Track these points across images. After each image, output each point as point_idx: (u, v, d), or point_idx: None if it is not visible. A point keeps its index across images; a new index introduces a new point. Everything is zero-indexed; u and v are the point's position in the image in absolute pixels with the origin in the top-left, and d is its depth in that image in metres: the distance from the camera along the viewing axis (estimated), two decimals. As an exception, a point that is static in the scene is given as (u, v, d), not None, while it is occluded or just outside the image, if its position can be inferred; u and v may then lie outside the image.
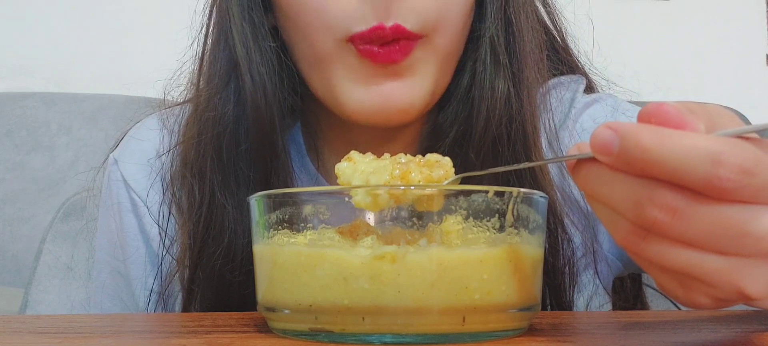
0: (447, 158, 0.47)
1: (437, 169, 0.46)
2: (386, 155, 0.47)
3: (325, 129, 0.73)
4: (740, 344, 0.42)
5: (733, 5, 2.35)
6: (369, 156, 0.47)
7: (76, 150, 1.58)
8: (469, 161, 0.66)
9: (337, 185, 0.72)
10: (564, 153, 0.70)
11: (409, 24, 0.61)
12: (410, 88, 0.63)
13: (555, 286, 0.68)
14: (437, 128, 0.69)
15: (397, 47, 0.61)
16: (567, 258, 0.68)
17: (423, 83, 0.64)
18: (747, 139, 0.36)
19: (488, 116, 0.66)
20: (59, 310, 1.11)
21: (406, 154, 0.47)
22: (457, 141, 0.68)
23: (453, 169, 0.47)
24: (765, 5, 2.39)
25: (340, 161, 0.73)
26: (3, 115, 1.65)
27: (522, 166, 0.50)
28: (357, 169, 0.47)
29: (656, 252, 0.38)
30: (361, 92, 0.63)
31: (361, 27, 0.61)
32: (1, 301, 1.35)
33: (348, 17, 0.61)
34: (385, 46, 0.61)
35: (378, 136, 0.71)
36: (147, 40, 1.89)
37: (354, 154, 0.48)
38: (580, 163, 0.39)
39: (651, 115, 0.37)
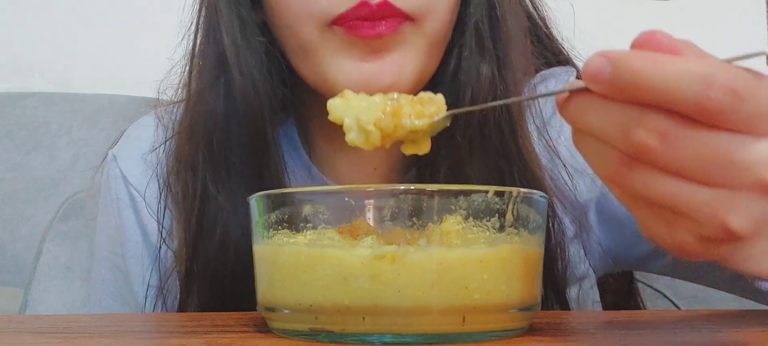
0: (439, 95, 0.47)
1: (429, 106, 0.46)
2: (380, 94, 0.47)
3: (317, 121, 0.73)
4: (740, 344, 0.42)
5: (733, 5, 2.35)
6: (362, 95, 0.47)
7: (76, 150, 1.58)
8: (455, 143, 0.67)
9: (334, 182, 0.72)
10: (554, 144, 0.71)
11: (398, 3, 0.61)
12: (399, 66, 0.63)
13: (547, 270, 0.68)
14: None
15: (384, 23, 0.61)
16: (557, 240, 0.69)
17: (411, 63, 0.64)
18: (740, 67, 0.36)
19: (473, 99, 0.67)
20: (59, 310, 1.11)
21: (398, 93, 0.47)
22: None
23: (445, 106, 0.47)
24: (765, 5, 2.39)
25: (333, 151, 0.73)
26: (3, 115, 1.65)
27: (509, 101, 0.49)
28: (349, 105, 0.47)
29: (643, 183, 0.38)
30: (349, 70, 0.63)
31: (343, 8, 0.61)
32: (1, 301, 1.35)
33: (331, 3, 0.61)
34: (371, 22, 0.61)
35: None
36: (148, 41, 1.89)
37: (348, 92, 0.48)
38: (571, 96, 0.39)
39: (644, 42, 0.37)
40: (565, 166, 0.71)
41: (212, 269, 0.67)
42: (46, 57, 1.92)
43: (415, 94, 0.48)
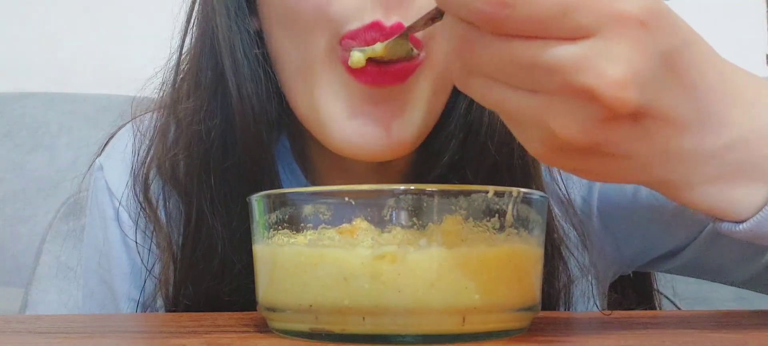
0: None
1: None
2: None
3: (311, 138, 0.66)
4: (740, 344, 0.42)
5: (733, 5, 2.35)
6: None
7: (76, 150, 1.58)
8: (467, 180, 0.63)
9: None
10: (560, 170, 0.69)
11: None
12: (408, 119, 0.59)
13: (550, 307, 0.66)
14: (431, 152, 0.65)
15: (392, 73, 0.56)
16: (563, 284, 0.67)
17: (421, 107, 0.59)
18: None
19: (486, 141, 0.63)
20: (59, 310, 1.11)
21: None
22: (453, 165, 0.64)
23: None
24: (765, 5, 2.39)
25: (330, 173, 0.70)
26: (3, 115, 1.65)
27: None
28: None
29: (476, 90, 0.39)
30: (350, 124, 0.58)
31: (356, 24, 0.55)
32: (1, 301, 1.35)
33: (346, 15, 0.56)
34: (379, 67, 0.55)
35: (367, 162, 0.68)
36: (148, 41, 1.89)
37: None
38: None
39: None
40: (557, 186, 0.69)
41: (204, 292, 0.64)
42: (46, 57, 1.93)
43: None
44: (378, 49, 0.49)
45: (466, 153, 0.64)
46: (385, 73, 0.56)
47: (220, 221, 0.64)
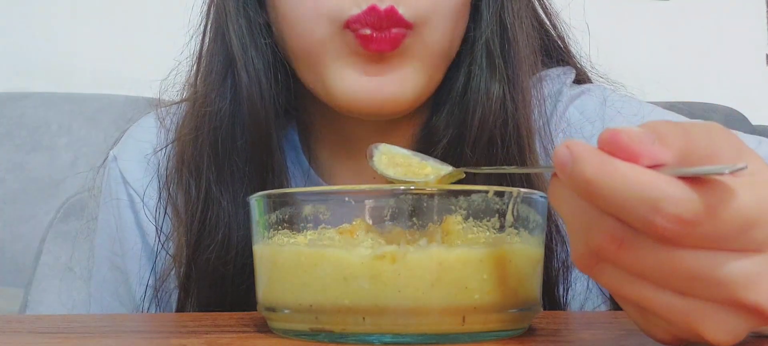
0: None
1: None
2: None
3: (318, 126, 0.74)
4: (739, 344, 0.42)
5: (733, 5, 2.35)
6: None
7: (76, 150, 1.58)
8: (465, 158, 0.67)
9: (330, 182, 0.72)
10: (552, 146, 0.71)
11: (402, 9, 0.62)
12: (401, 80, 0.64)
13: (548, 287, 0.68)
14: (432, 130, 0.70)
15: (388, 35, 0.61)
16: (561, 260, 0.68)
17: (413, 76, 0.64)
18: (703, 180, 0.33)
19: (483, 118, 0.66)
20: (59, 310, 1.11)
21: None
22: (452, 143, 0.68)
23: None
24: (765, 5, 2.39)
25: (333, 158, 0.73)
26: (3, 116, 1.65)
27: (509, 170, 0.51)
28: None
29: (609, 279, 0.37)
30: (351, 81, 0.64)
31: (355, 10, 0.61)
32: (1, 301, 1.35)
33: (342, 4, 0.62)
34: (378, 32, 0.61)
35: (372, 135, 0.71)
36: (147, 40, 1.89)
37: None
38: (554, 176, 0.37)
39: (606, 141, 0.34)
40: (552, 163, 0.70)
41: (213, 270, 0.67)
42: (46, 57, 1.93)
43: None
44: (432, 181, 0.49)
45: (464, 131, 0.67)
46: (381, 40, 0.62)
47: (227, 198, 0.68)
